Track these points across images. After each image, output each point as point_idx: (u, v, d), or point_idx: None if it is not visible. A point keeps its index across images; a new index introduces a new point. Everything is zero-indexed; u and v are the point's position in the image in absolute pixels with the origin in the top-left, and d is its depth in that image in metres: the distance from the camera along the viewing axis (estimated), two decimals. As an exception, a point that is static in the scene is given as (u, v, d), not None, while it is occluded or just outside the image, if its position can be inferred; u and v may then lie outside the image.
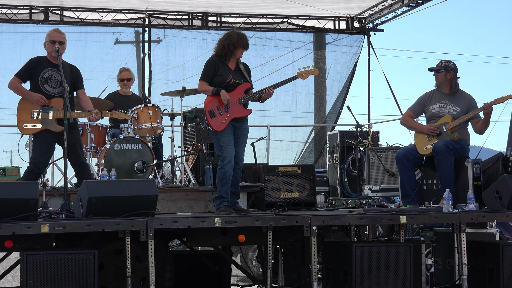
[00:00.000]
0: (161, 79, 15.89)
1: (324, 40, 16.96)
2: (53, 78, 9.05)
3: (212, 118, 9.17)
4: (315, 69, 9.62)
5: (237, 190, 9.26)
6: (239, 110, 9.17)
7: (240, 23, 16.17)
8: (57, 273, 7.50)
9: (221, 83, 9.17)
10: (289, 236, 9.05)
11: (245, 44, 9.24)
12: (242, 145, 9.27)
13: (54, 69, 9.01)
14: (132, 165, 10.50)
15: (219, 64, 9.22)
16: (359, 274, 8.28)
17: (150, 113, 10.85)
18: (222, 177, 9.06)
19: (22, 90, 9.04)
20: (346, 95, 16.83)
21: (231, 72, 9.22)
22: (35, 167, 9.02)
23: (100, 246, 8.28)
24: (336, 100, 16.86)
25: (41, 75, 9.02)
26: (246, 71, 9.35)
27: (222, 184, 9.07)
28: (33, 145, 9.13)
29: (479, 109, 9.64)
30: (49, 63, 9.05)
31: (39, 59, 9.10)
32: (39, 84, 9.00)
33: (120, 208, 8.05)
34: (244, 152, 9.32)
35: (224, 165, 9.05)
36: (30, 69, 9.04)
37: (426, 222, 9.23)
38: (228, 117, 9.13)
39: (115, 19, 15.74)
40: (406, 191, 9.79)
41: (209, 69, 9.23)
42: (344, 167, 11.72)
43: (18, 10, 15.21)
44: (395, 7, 15.70)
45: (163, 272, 8.86)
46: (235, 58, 9.27)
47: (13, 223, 7.56)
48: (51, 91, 9.05)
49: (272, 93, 9.24)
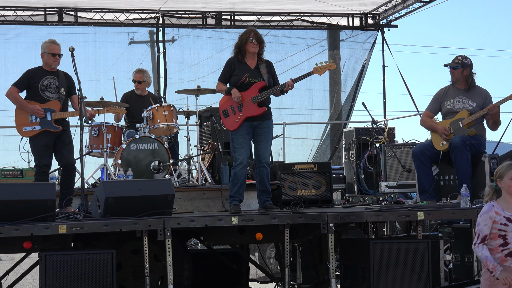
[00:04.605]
0: (176, 78, 15.89)
1: (338, 37, 16.93)
2: (52, 85, 9.48)
3: (226, 118, 9.21)
4: (332, 63, 9.58)
5: (266, 187, 9.26)
6: (252, 109, 9.18)
7: (253, 21, 16.17)
8: (75, 273, 7.53)
9: (236, 82, 9.21)
10: (307, 234, 9.04)
11: (252, 37, 9.21)
12: (263, 143, 9.25)
13: (52, 76, 9.48)
14: (148, 165, 10.51)
15: (236, 63, 9.25)
16: (377, 271, 8.27)
17: (166, 113, 10.85)
18: (233, 178, 9.20)
19: (20, 101, 9.43)
20: (356, 91, 16.78)
21: (249, 71, 9.23)
22: (40, 169, 9.31)
23: (118, 246, 8.30)
24: (348, 95, 16.84)
25: (41, 83, 9.42)
26: (267, 68, 9.33)
27: (233, 185, 9.20)
28: (31, 149, 9.48)
29: (483, 111, 9.58)
30: (46, 72, 9.49)
31: (36, 70, 9.54)
32: (39, 91, 9.40)
33: (137, 208, 8.07)
34: (268, 149, 9.33)
35: (235, 166, 9.14)
36: (28, 80, 9.45)
37: (443, 218, 9.21)
38: (241, 116, 9.14)
39: (129, 19, 15.75)
40: (423, 187, 9.76)
41: (226, 69, 9.31)
42: (360, 164, 11.70)
43: (32, 12, 15.25)
44: (408, 3, 15.66)
45: (181, 271, 8.87)
46: (252, 56, 9.27)
47: (31, 224, 7.60)
48: (51, 97, 9.46)
49: (293, 86, 9.27)
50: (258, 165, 9.22)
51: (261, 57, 9.34)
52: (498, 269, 6.05)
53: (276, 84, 9.35)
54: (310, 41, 16.71)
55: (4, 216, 7.60)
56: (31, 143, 9.44)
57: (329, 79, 16.89)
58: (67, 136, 9.49)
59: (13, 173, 11.00)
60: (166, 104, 10.99)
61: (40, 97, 9.38)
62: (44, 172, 9.31)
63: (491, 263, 6.08)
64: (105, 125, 10.67)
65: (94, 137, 10.82)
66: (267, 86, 9.27)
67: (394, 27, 16.71)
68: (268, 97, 9.32)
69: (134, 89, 11.87)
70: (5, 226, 7.48)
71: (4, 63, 15.23)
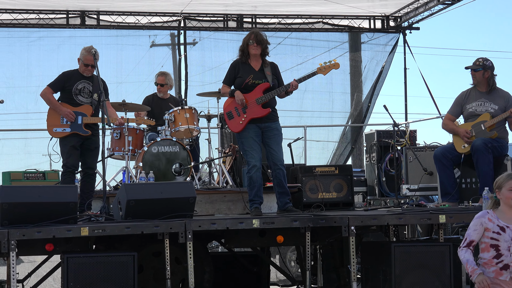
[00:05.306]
0: (198, 81, 15.93)
1: (359, 40, 16.89)
2: (86, 89, 9.61)
3: (230, 120, 9.22)
4: (336, 63, 9.53)
5: (284, 189, 9.23)
6: (257, 110, 9.16)
7: (275, 24, 16.17)
8: (97, 275, 7.57)
9: (240, 84, 9.23)
10: (328, 237, 9.02)
11: (252, 39, 9.20)
12: (275, 146, 9.22)
13: (86, 81, 9.60)
14: (169, 168, 10.54)
15: (240, 66, 9.27)
16: (399, 274, 8.24)
17: (187, 115, 10.87)
18: (249, 182, 9.17)
19: (54, 103, 9.56)
20: (374, 92, 16.72)
21: (253, 72, 9.22)
22: (67, 169, 9.42)
23: (139, 248, 8.32)
24: (365, 98, 16.79)
25: (75, 87, 9.54)
26: (272, 70, 9.32)
27: (250, 188, 9.19)
28: (61, 149, 9.58)
29: (506, 114, 9.52)
30: (81, 76, 9.60)
31: (72, 72, 9.65)
32: (72, 95, 9.52)
33: (159, 210, 8.09)
34: (281, 151, 9.27)
35: (249, 170, 9.11)
36: (63, 82, 9.58)
37: (465, 221, 9.13)
38: (245, 117, 9.14)
39: (150, 22, 15.79)
40: (445, 189, 9.70)
41: (230, 72, 9.34)
42: (381, 167, 11.67)
43: (55, 15, 15.31)
44: (430, 5, 15.60)
45: (202, 273, 8.88)
46: (256, 57, 9.26)
47: (54, 226, 7.65)
48: (83, 101, 9.59)
49: (297, 86, 9.23)
50: (274, 168, 9.19)
51: (265, 59, 9.33)
52: (476, 273, 6.01)
53: (281, 86, 9.33)
54: (332, 43, 16.68)
55: (27, 218, 7.65)
56: (61, 144, 9.56)
57: (350, 81, 16.86)
58: (94, 142, 9.61)
59: (35, 176, 11.09)
60: (187, 106, 11.01)
61: (73, 100, 9.52)
62: (70, 172, 9.41)
63: (470, 267, 6.04)
64: (127, 128, 10.71)
65: (116, 140, 10.87)
66: (272, 88, 9.23)
67: (416, 29, 16.66)
68: (273, 99, 9.30)
69: (156, 92, 11.91)
70: (28, 228, 7.54)
71: (27, 66, 15.31)
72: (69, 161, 9.40)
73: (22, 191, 8.00)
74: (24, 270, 9.82)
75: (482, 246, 6.10)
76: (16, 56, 15.35)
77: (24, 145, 15.30)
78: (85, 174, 9.59)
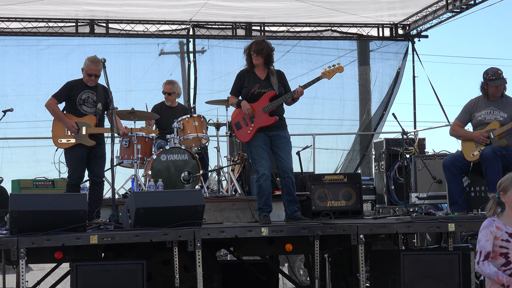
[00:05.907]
0: (206, 89, 15.94)
1: (368, 48, 16.89)
2: (90, 99, 9.65)
3: (238, 130, 9.23)
4: (340, 66, 9.51)
5: (293, 197, 9.23)
6: (264, 119, 9.17)
7: (284, 32, 16.19)
8: (106, 283, 7.57)
9: (247, 94, 9.24)
10: (336, 245, 9.02)
11: (253, 50, 9.20)
12: (284, 154, 9.21)
13: (90, 91, 9.64)
14: (178, 176, 10.56)
15: (246, 75, 9.28)
16: (408, 282, 8.23)
17: (196, 124, 10.88)
18: (258, 190, 9.18)
19: (58, 114, 9.62)
20: (389, 102, 16.71)
21: (259, 81, 9.22)
22: (72, 181, 9.50)
23: (148, 256, 8.32)
24: (379, 106, 16.77)
25: (79, 97, 9.59)
26: (278, 78, 9.32)
27: (259, 197, 9.19)
28: (66, 160, 9.65)
29: None
30: (85, 86, 9.65)
31: (76, 82, 9.69)
32: (77, 104, 9.58)
33: (168, 219, 8.10)
34: (290, 159, 9.26)
35: (259, 178, 9.12)
36: (67, 92, 9.63)
37: (474, 229, 9.14)
38: (253, 127, 9.14)
39: (159, 30, 15.83)
40: (454, 198, 9.69)
41: (236, 82, 9.36)
42: (390, 175, 11.65)
43: (64, 24, 15.36)
44: (439, 13, 15.59)
45: (211, 282, 8.87)
46: (260, 67, 9.26)
47: (63, 234, 7.67)
48: (87, 111, 9.64)
49: (303, 92, 9.22)
50: (283, 176, 9.19)
51: (270, 67, 9.32)
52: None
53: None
54: (341, 51, 16.68)
55: (36, 226, 7.67)
56: (66, 155, 9.62)
57: (358, 88, 16.84)
58: (100, 150, 9.68)
59: (44, 184, 11.12)
60: (196, 115, 11.02)
61: (77, 110, 9.57)
62: (75, 185, 9.47)
63: (504, 277, 5.88)
64: (135, 136, 10.73)
65: (124, 148, 10.89)
66: (278, 96, 9.23)
67: (424, 37, 16.65)
68: (281, 106, 9.29)
69: (164, 100, 11.93)
70: (37, 236, 7.56)
71: (36, 74, 15.35)
72: (74, 173, 9.48)
73: (32, 199, 8.02)
74: (33, 278, 9.82)
75: (492, 255, 6.04)
76: (25, 64, 15.40)
77: (33, 153, 15.34)
78: (92, 183, 9.63)
